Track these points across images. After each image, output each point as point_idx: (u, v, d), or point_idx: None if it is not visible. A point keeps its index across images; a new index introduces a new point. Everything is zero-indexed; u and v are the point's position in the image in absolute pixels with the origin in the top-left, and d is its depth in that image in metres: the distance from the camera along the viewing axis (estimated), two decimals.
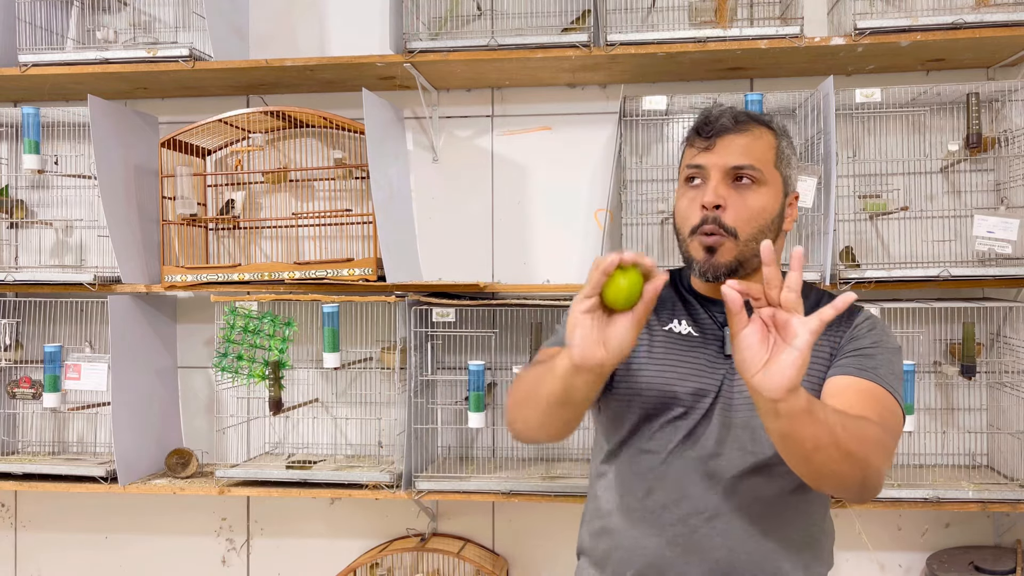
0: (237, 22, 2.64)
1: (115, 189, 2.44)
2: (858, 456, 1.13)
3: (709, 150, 1.37)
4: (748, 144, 1.37)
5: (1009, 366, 2.28)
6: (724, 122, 1.37)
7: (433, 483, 2.31)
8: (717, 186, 1.35)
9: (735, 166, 1.36)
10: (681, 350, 1.40)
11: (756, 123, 1.40)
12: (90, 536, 2.78)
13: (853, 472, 1.14)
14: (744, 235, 1.35)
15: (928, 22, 2.17)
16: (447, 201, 2.65)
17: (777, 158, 1.41)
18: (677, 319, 1.43)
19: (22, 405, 2.66)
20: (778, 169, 1.41)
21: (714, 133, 1.37)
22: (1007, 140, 2.29)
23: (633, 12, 2.52)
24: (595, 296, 1.12)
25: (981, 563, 2.28)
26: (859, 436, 1.13)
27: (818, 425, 1.08)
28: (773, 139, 1.41)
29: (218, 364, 2.42)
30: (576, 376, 1.16)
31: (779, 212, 1.40)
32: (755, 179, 1.37)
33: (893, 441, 1.25)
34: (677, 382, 1.38)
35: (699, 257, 1.37)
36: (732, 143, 1.37)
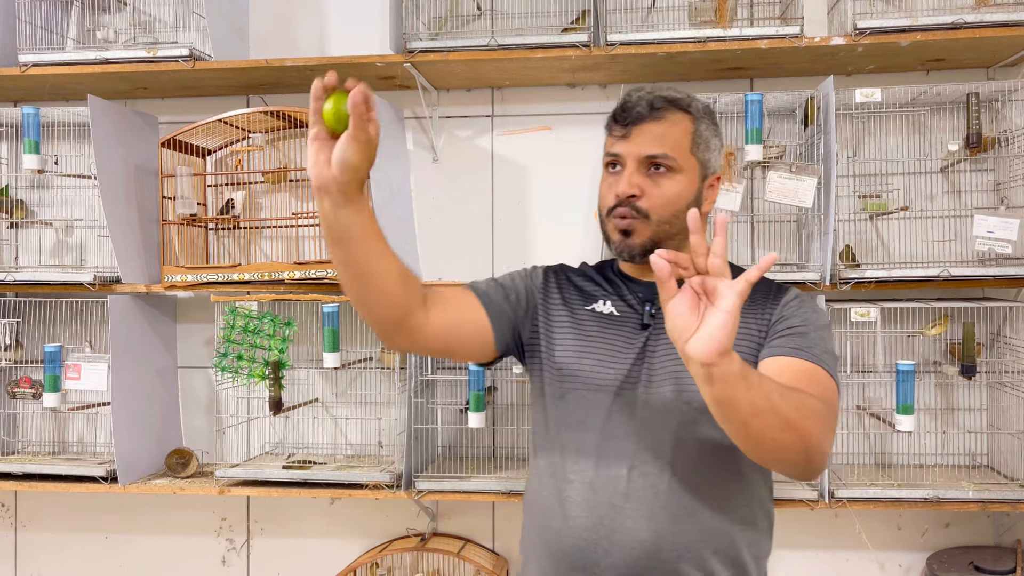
0: (237, 22, 2.64)
1: (115, 189, 2.44)
2: (798, 425, 1.12)
3: (626, 138, 1.41)
4: (663, 132, 1.40)
5: (1009, 366, 2.28)
6: (640, 110, 1.40)
7: (433, 483, 2.31)
8: (631, 175, 1.40)
9: (648, 155, 1.39)
10: (600, 329, 1.43)
11: (673, 108, 1.42)
12: (90, 536, 2.78)
13: (794, 442, 1.13)
14: (657, 218, 1.40)
15: (928, 22, 2.17)
16: (447, 201, 2.65)
17: (693, 143, 1.43)
18: (601, 300, 1.47)
19: (22, 405, 2.66)
20: (694, 154, 1.43)
21: (630, 121, 1.41)
22: (1007, 140, 2.29)
23: (633, 12, 2.52)
24: (317, 125, 1.17)
25: (981, 563, 2.28)
26: (797, 405, 1.13)
27: (754, 391, 1.07)
28: (690, 124, 1.43)
29: (218, 364, 2.42)
30: (326, 206, 1.20)
31: (695, 196, 1.43)
32: (669, 167, 1.40)
33: (833, 417, 1.24)
34: (594, 358, 1.41)
35: (615, 239, 1.42)
36: (648, 131, 1.40)
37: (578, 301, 1.48)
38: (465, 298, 1.47)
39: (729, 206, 2.24)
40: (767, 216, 2.47)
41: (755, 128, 2.23)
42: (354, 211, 1.21)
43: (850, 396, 2.43)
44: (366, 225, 1.24)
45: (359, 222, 1.23)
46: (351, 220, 1.22)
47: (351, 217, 1.22)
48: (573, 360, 1.42)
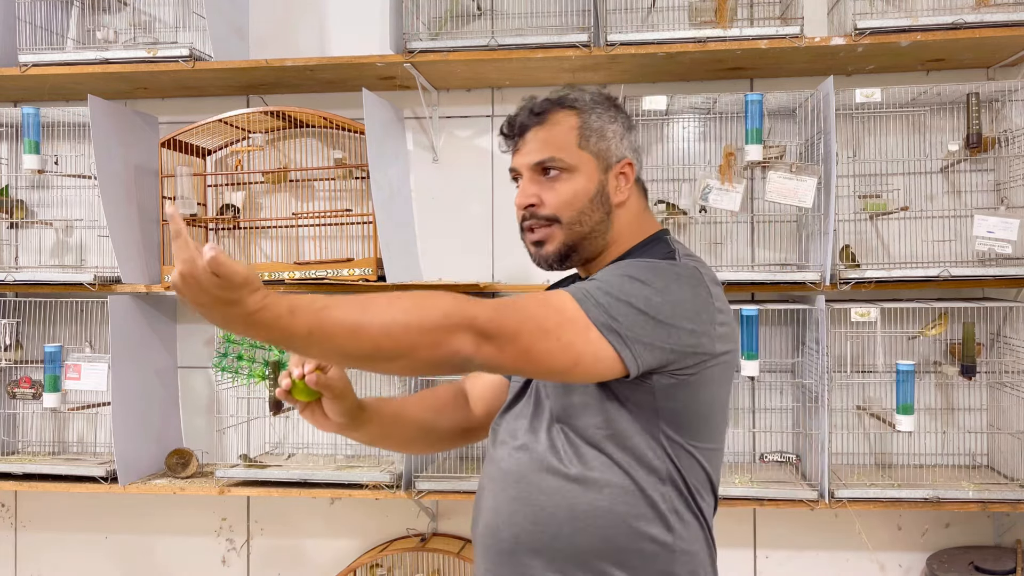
0: (237, 22, 2.64)
1: (115, 189, 2.44)
2: (384, 324, 1.06)
3: (517, 151, 1.41)
4: (547, 136, 1.38)
5: (1009, 366, 2.28)
6: (522, 119, 1.40)
7: (433, 483, 2.31)
8: (526, 186, 1.39)
9: (536, 163, 1.38)
10: None
11: (556, 108, 1.39)
12: (90, 536, 2.78)
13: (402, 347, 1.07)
14: (566, 219, 1.36)
15: (928, 22, 2.17)
16: (447, 201, 2.65)
17: (581, 138, 1.38)
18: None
19: (22, 405, 2.66)
20: (585, 149, 1.37)
21: (515, 133, 1.40)
22: (1007, 140, 2.29)
23: (633, 12, 2.52)
24: (299, 406, 1.30)
25: (981, 563, 2.28)
26: (386, 304, 1.08)
27: (306, 315, 1.03)
28: (575, 119, 1.39)
29: (218, 364, 2.42)
30: (357, 437, 1.40)
31: (597, 190, 1.37)
32: (561, 168, 1.37)
33: (504, 310, 1.15)
34: None
35: (531, 252, 1.42)
36: (533, 139, 1.38)
37: None
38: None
39: (729, 206, 2.25)
40: (767, 216, 2.47)
41: (755, 128, 2.23)
42: (366, 419, 1.36)
43: (850, 396, 2.43)
44: (383, 419, 1.40)
45: (376, 419, 1.38)
46: (369, 427, 1.38)
47: (367, 425, 1.37)
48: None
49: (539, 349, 1.16)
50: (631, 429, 1.27)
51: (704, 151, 2.49)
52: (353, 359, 1.11)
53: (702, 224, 2.47)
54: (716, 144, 2.48)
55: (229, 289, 0.97)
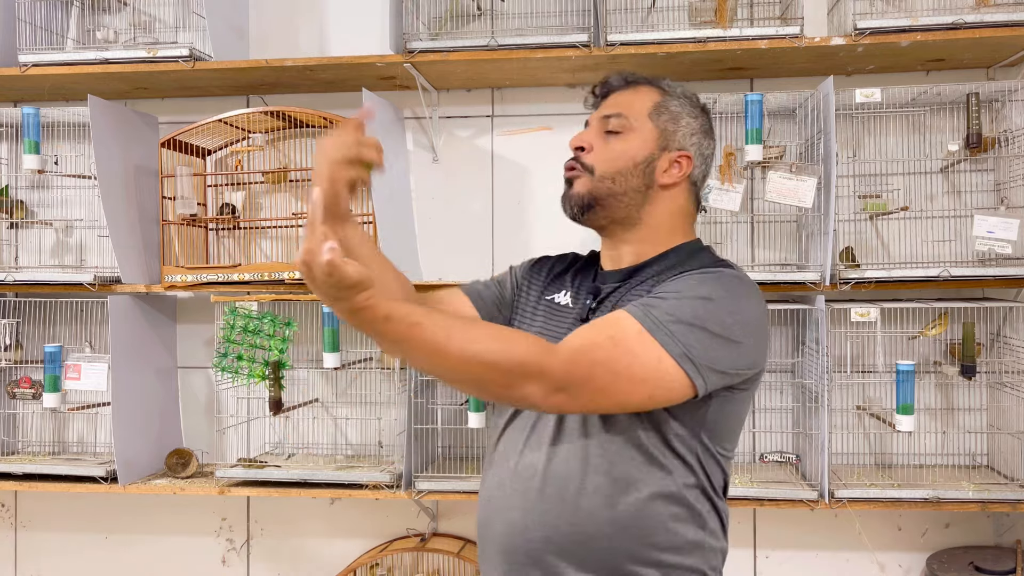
0: (237, 22, 2.64)
1: (115, 189, 2.44)
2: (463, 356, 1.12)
3: (597, 106, 1.47)
4: (626, 98, 1.44)
5: (1009, 366, 2.28)
6: (612, 81, 1.47)
7: (433, 483, 2.31)
8: (585, 133, 1.44)
9: (605, 115, 1.42)
10: (550, 319, 1.43)
11: (646, 83, 1.46)
12: (90, 536, 2.78)
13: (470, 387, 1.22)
14: (600, 172, 1.39)
15: (928, 22, 2.17)
16: (447, 201, 2.65)
17: (655, 110, 1.41)
18: (563, 291, 1.47)
19: (22, 405, 2.66)
20: (652, 120, 1.41)
21: (603, 93, 1.48)
22: (1007, 140, 2.29)
23: (633, 12, 2.52)
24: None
25: (981, 563, 2.28)
26: (470, 338, 1.14)
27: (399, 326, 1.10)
28: (657, 95, 1.44)
29: (218, 364, 2.42)
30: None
31: (645, 160, 1.38)
32: (622, 127, 1.40)
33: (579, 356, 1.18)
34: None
35: (564, 191, 1.45)
36: (613, 100, 1.45)
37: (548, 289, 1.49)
38: (457, 298, 1.51)
39: (729, 206, 2.24)
40: (767, 216, 2.47)
41: (755, 128, 2.23)
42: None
43: (850, 396, 2.43)
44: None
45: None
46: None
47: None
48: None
49: (611, 392, 1.20)
50: (677, 436, 1.29)
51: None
52: (432, 373, 1.21)
53: (702, 224, 2.47)
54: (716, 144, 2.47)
55: (338, 288, 1.04)
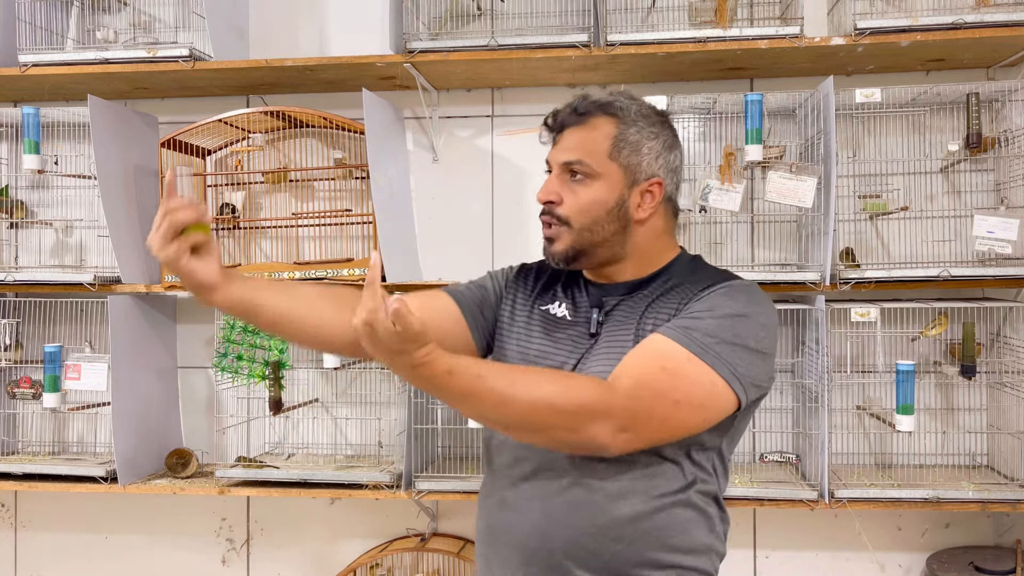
0: (237, 22, 2.64)
1: (115, 189, 2.44)
2: (530, 424, 1.16)
3: (555, 144, 1.42)
4: (583, 138, 1.38)
5: (1009, 366, 2.28)
6: (563, 116, 1.41)
7: (433, 483, 2.31)
8: (551, 182, 1.40)
9: (564, 162, 1.39)
10: (550, 330, 1.42)
11: (599, 112, 1.39)
12: (90, 536, 2.78)
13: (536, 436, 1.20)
14: (577, 225, 1.38)
15: (928, 22, 2.17)
16: (447, 201, 2.65)
17: (613, 148, 1.37)
18: (557, 302, 1.46)
19: (22, 405, 2.66)
20: (614, 160, 1.37)
21: (556, 127, 1.42)
22: (1007, 140, 2.29)
23: (633, 12, 2.52)
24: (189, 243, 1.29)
25: (981, 563, 2.28)
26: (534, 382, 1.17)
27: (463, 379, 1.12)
28: (613, 128, 1.37)
29: (218, 364, 2.42)
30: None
31: (617, 203, 1.37)
32: (585, 173, 1.37)
33: (638, 391, 1.19)
34: (538, 359, 1.40)
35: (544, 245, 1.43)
36: (570, 137, 1.40)
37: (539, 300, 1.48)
38: (439, 299, 1.50)
39: (729, 206, 2.24)
40: (767, 216, 2.47)
41: (755, 128, 2.23)
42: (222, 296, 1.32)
43: (850, 396, 2.43)
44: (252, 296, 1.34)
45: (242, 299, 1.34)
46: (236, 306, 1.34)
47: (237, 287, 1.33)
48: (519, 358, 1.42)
49: (672, 422, 1.22)
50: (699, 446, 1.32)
51: (704, 151, 2.49)
52: (499, 425, 1.22)
53: (702, 224, 2.47)
54: (716, 144, 2.48)
55: (401, 341, 1.07)
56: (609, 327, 1.37)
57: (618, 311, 1.38)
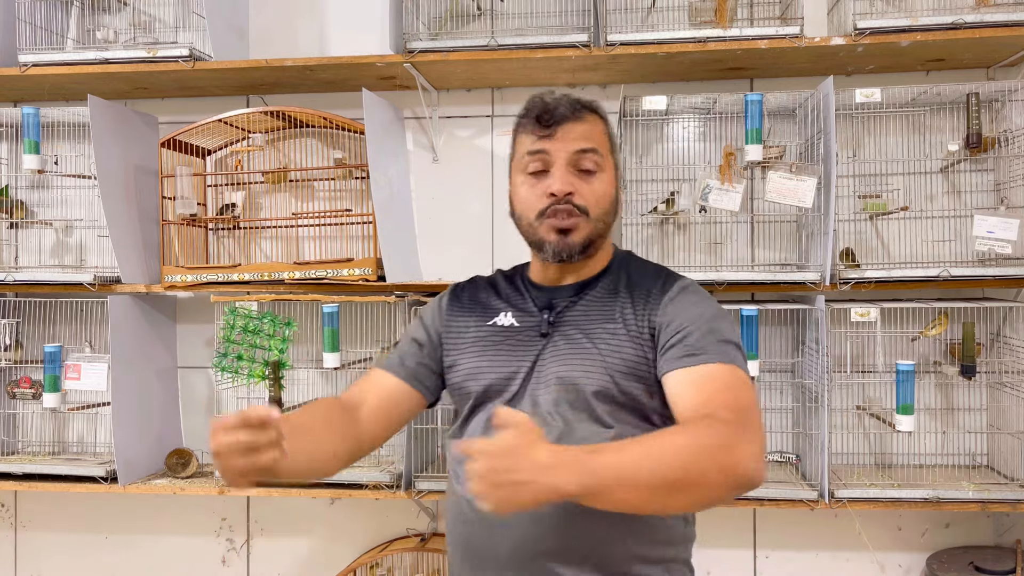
0: (237, 22, 2.64)
1: (115, 189, 2.44)
2: (686, 481, 1.10)
3: (550, 137, 1.39)
4: (587, 131, 1.40)
5: (1009, 366, 2.28)
6: (563, 110, 1.39)
7: (433, 483, 2.31)
8: (565, 175, 1.38)
9: (580, 149, 1.38)
10: (499, 341, 1.43)
11: (589, 111, 1.42)
12: (90, 536, 2.78)
13: (695, 491, 1.12)
14: (595, 215, 1.39)
15: (928, 22, 2.17)
16: (447, 201, 2.65)
17: (611, 145, 1.43)
18: (503, 312, 1.46)
19: (22, 405, 2.66)
20: (612, 156, 1.43)
21: (554, 121, 1.39)
22: (1007, 140, 2.29)
23: (633, 12, 2.52)
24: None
25: (981, 563, 2.28)
26: (676, 463, 1.10)
27: (618, 487, 1.08)
28: (604, 127, 1.43)
29: (218, 364, 2.42)
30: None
31: (615, 196, 1.43)
32: (596, 166, 1.39)
33: (744, 420, 1.21)
34: (490, 371, 1.41)
35: (551, 239, 1.39)
36: (572, 130, 1.39)
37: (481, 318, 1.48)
38: (378, 377, 1.50)
39: (729, 206, 2.25)
40: (767, 216, 2.47)
41: (755, 128, 2.23)
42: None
43: (850, 396, 2.43)
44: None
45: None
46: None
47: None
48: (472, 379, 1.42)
49: (759, 424, 1.23)
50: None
51: (704, 151, 2.49)
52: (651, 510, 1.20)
53: (702, 224, 2.47)
54: (716, 144, 2.48)
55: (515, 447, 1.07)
56: (561, 327, 1.39)
57: (569, 313, 1.41)
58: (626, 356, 1.35)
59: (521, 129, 1.45)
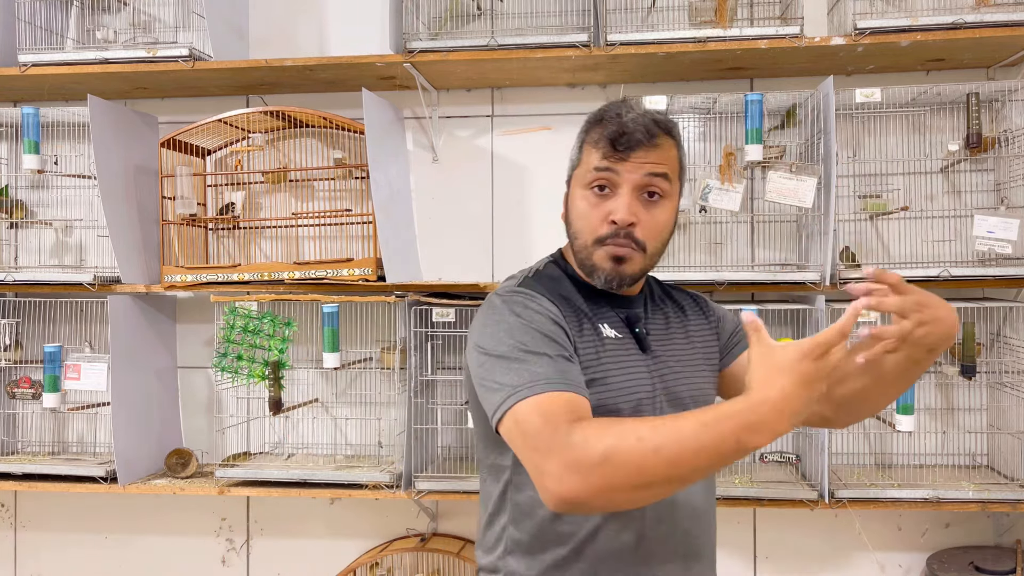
0: (237, 22, 2.64)
1: (115, 189, 2.44)
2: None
3: (624, 160, 1.32)
4: (660, 156, 1.33)
5: (1009, 366, 2.28)
6: (640, 136, 1.31)
7: (433, 483, 2.31)
8: (631, 203, 1.31)
9: (650, 173, 1.31)
10: (621, 355, 1.33)
11: (664, 134, 1.34)
12: (90, 536, 2.78)
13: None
14: (651, 249, 1.34)
15: (928, 22, 2.17)
16: (447, 201, 2.65)
17: (681, 169, 1.38)
18: (601, 323, 1.36)
19: (22, 405, 2.66)
20: (679, 180, 1.38)
21: (629, 146, 1.31)
22: (1007, 140, 2.29)
23: (633, 12, 2.52)
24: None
25: (981, 563, 2.28)
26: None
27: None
28: (676, 151, 1.37)
29: (218, 364, 2.42)
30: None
31: (674, 223, 1.38)
32: (663, 193, 1.33)
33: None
34: (637, 387, 1.33)
35: (605, 267, 1.33)
36: (646, 156, 1.32)
37: (585, 327, 1.35)
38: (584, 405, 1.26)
39: (729, 206, 2.24)
40: (767, 216, 2.47)
41: (755, 128, 2.23)
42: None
43: None
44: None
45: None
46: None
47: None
48: (623, 396, 1.32)
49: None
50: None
51: (704, 151, 2.49)
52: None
53: (702, 224, 2.47)
54: (716, 144, 2.48)
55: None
56: (658, 342, 1.38)
57: (650, 325, 1.39)
58: (714, 352, 1.46)
59: (590, 139, 1.37)
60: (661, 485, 1.10)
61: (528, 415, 1.16)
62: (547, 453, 1.12)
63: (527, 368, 1.21)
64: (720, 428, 1.07)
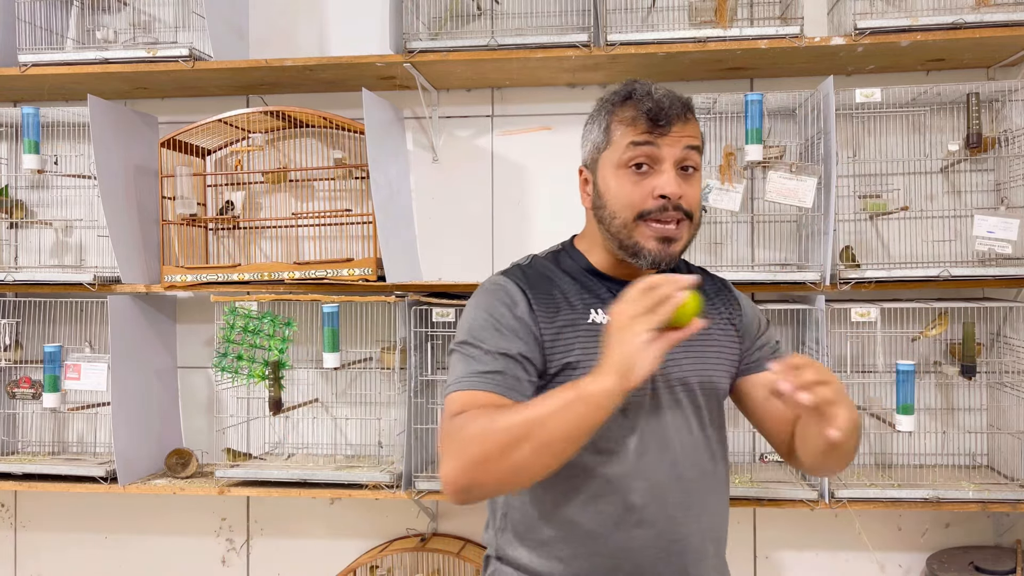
0: (237, 22, 2.64)
1: (115, 189, 2.44)
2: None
3: (664, 135, 1.32)
4: (694, 129, 1.37)
5: (1009, 366, 2.28)
6: (676, 111, 1.33)
7: (433, 483, 2.31)
8: (673, 176, 1.32)
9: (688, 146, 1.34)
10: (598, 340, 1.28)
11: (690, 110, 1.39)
12: (90, 536, 2.78)
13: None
14: (695, 219, 1.36)
15: (928, 22, 2.17)
16: (447, 201, 2.65)
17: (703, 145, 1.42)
18: (593, 309, 1.36)
19: (22, 405, 2.66)
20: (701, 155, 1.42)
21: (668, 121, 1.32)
22: (1007, 140, 2.29)
23: (633, 12, 2.52)
24: (658, 320, 1.14)
25: (981, 563, 2.28)
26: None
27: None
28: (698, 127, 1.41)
29: (218, 364, 2.42)
30: (617, 399, 1.15)
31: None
32: (696, 166, 1.37)
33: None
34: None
35: (650, 246, 1.32)
36: (682, 130, 1.34)
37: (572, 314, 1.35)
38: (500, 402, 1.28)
39: (729, 206, 2.24)
40: (767, 216, 2.47)
41: (755, 128, 2.23)
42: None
43: (850, 396, 2.42)
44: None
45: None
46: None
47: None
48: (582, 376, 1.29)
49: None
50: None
51: (704, 151, 2.49)
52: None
53: (702, 224, 2.47)
54: (716, 144, 2.48)
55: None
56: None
57: None
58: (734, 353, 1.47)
59: (619, 118, 1.36)
60: (532, 455, 1.13)
61: (447, 409, 1.25)
62: (441, 444, 1.21)
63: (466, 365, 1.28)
64: (565, 392, 1.15)
